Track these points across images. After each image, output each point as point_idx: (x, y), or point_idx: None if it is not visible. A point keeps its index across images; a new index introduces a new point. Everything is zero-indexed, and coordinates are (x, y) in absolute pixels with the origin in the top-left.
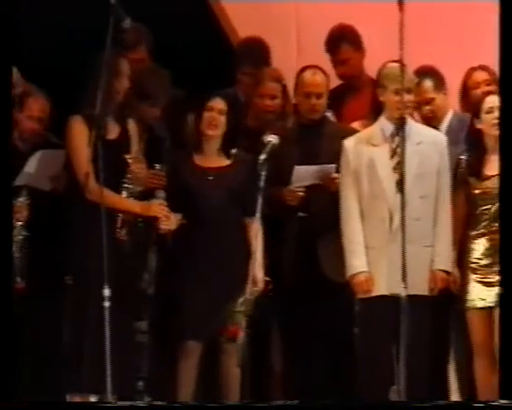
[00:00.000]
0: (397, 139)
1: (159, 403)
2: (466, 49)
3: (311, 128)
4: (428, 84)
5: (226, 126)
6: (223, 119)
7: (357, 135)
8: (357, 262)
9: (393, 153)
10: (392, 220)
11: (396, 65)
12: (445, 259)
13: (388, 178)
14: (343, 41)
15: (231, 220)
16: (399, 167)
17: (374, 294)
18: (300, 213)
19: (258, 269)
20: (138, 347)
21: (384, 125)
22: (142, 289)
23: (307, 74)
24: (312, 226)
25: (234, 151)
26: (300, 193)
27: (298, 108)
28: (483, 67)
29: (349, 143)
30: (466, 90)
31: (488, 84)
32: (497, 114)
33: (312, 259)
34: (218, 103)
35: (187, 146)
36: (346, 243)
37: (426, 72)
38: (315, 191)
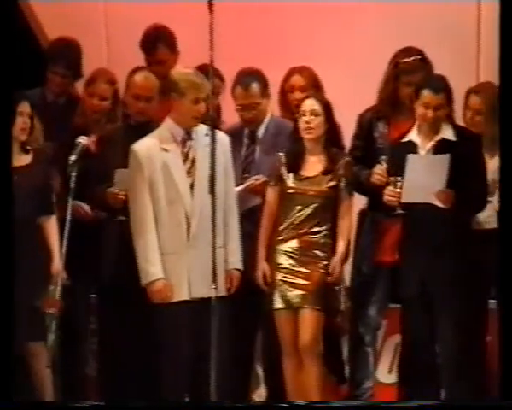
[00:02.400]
0: (188, 143)
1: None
2: (285, 51)
3: (139, 130)
4: (256, 89)
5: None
6: (29, 121)
7: (147, 139)
8: (153, 269)
9: (186, 157)
10: (189, 225)
11: (188, 70)
12: (237, 258)
13: (183, 183)
14: (159, 42)
15: (33, 219)
16: (193, 171)
17: (174, 299)
18: (120, 217)
19: (57, 266)
20: None
21: (174, 129)
22: None
23: (138, 77)
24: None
25: (32, 147)
26: (121, 196)
27: (127, 109)
28: (301, 71)
29: (140, 147)
30: (283, 93)
31: (303, 90)
32: (307, 118)
33: (130, 262)
34: (26, 107)
35: None
36: (141, 251)
37: (253, 75)
38: None
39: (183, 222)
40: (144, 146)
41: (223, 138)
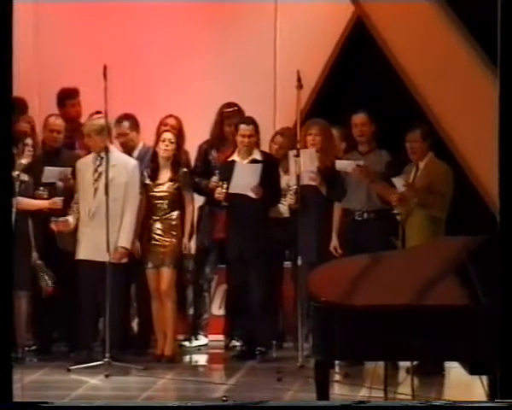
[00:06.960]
0: (97, 162)
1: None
2: (157, 101)
3: (54, 154)
4: (126, 124)
5: None
6: None
7: (83, 159)
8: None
9: (95, 171)
10: (90, 213)
11: (97, 116)
12: (125, 240)
13: (89, 187)
14: (66, 99)
15: None
16: (99, 180)
17: (78, 258)
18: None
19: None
20: None
21: (93, 154)
22: None
23: (52, 118)
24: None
25: None
26: (45, 196)
27: (44, 140)
28: (173, 116)
29: (79, 163)
30: (158, 129)
31: (173, 128)
32: (166, 143)
33: (52, 238)
34: None
35: None
36: None
37: (126, 117)
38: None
39: (87, 211)
40: (80, 162)
41: (130, 161)
